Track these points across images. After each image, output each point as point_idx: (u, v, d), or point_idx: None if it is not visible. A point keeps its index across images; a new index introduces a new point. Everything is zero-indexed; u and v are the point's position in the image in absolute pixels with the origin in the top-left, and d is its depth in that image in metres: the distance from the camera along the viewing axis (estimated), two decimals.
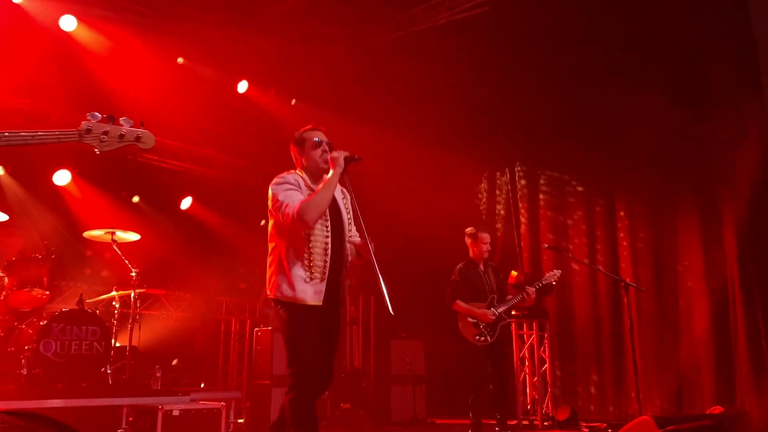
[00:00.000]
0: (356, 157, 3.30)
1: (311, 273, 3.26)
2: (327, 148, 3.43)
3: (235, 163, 8.90)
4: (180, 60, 7.60)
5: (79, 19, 6.77)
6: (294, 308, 3.25)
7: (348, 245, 3.49)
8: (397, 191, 8.43)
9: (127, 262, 6.05)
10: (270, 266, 3.38)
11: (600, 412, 7.27)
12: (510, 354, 5.99)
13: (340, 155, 3.29)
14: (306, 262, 3.26)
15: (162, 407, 4.76)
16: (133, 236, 6.24)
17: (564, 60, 7.44)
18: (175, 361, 7.49)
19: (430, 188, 8.49)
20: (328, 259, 3.31)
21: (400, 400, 7.08)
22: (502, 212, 8.74)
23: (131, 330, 6.02)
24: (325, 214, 3.33)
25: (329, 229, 3.35)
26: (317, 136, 3.46)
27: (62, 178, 7.39)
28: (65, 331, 5.30)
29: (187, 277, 7.91)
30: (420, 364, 7.35)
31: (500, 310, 5.48)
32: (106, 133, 2.36)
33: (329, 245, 3.32)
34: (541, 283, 5.69)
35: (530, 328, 7.16)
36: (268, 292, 3.36)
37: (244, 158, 8.95)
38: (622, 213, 7.49)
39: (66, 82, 6.69)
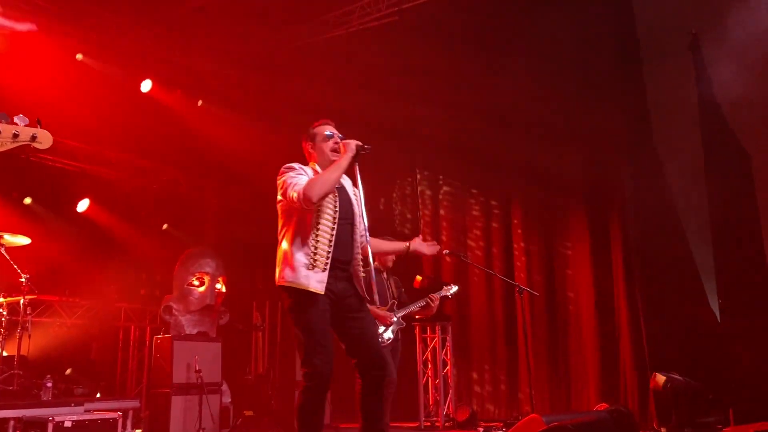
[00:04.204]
0: (366, 146, 3.37)
1: (314, 261, 3.26)
2: (338, 140, 3.48)
3: (136, 165, 8.60)
4: (79, 56, 7.27)
5: None
6: (298, 294, 3.24)
7: (362, 237, 3.44)
8: None
9: (15, 267, 5.76)
10: (278, 254, 3.39)
11: (497, 412, 7.58)
12: (398, 361, 6.14)
13: (353, 142, 3.37)
14: (311, 250, 3.27)
15: (53, 419, 4.59)
16: (22, 240, 5.93)
17: (465, 70, 7.71)
18: (69, 371, 7.17)
19: None
20: (331, 249, 3.31)
21: None
22: (407, 215, 8.95)
23: (20, 339, 5.73)
24: (334, 205, 3.36)
25: (336, 220, 3.36)
26: (328, 130, 3.53)
27: None
28: None
29: (84, 283, 7.57)
30: None
31: (399, 315, 5.71)
32: None
33: (334, 236, 3.33)
34: (439, 295, 5.98)
35: (433, 331, 7.37)
36: (277, 280, 3.34)
37: (147, 159, 8.67)
38: (516, 221, 7.88)
39: None
